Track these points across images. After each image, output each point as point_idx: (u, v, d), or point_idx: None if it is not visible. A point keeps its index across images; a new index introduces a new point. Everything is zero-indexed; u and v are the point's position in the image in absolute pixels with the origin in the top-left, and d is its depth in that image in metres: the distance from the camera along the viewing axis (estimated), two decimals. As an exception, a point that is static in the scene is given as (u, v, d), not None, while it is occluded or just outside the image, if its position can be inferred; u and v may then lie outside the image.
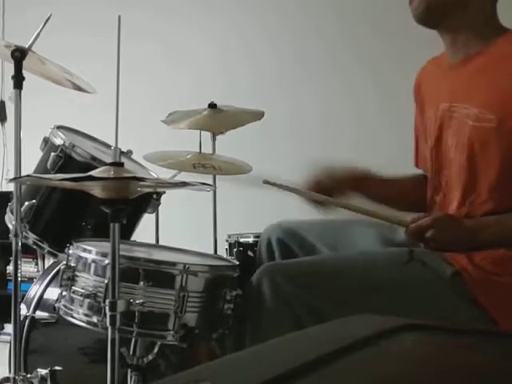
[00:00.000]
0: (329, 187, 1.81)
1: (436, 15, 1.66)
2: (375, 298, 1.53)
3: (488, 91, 1.57)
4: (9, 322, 2.03)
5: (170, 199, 2.37)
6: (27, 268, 3.50)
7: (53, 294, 2.12)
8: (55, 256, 2.09)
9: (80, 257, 1.70)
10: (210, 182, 2.62)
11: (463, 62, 1.67)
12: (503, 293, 1.53)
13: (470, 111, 1.59)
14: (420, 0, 1.65)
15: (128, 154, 2.28)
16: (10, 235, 2.00)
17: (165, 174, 2.44)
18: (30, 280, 2.93)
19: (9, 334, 2.11)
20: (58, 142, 2.07)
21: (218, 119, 2.55)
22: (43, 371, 2.01)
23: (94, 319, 1.62)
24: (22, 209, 2.04)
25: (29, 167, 2.12)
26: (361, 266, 1.61)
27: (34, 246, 2.10)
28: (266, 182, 1.63)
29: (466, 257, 1.56)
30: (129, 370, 1.73)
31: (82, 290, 1.65)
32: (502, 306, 1.52)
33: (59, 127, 2.17)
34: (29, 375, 2.00)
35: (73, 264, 1.71)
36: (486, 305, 1.51)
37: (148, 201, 2.20)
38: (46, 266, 2.91)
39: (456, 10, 1.64)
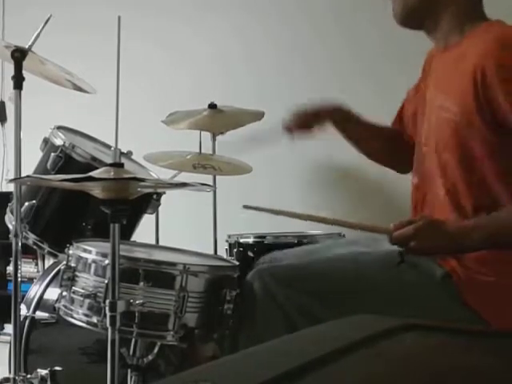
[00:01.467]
0: (310, 118, 1.84)
1: (416, 16, 1.67)
2: (366, 298, 1.54)
3: (455, 82, 1.58)
4: (9, 322, 2.03)
5: (170, 199, 2.37)
6: (27, 268, 3.50)
7: (53, 294, 2.12)
8: (55, 256, 2.09)
9: (80, 257, 1.70)
10: (210, 182, 2.62)
11: (443, 51, 1.68)
12: (491, 293, 1.54)
13: (444, 102, 1.60)
14: (397, 3, 1.67)
15: (128, 154, 2.28)
16: (10, 235, 2.00)
17: (165, 174, 2.44)
18: (30, 280, 2.93)
19: (9, 334, 2.12)
20: (58, 142, 2.07)
21: (218, 119, 2.55)
22: (43, 371, 2.01)
23: (94, 319, 1.62)
24: (22, 209, 2.04)
25: (29, 167, 2.12)
26: (351, 267, 1.61)
27: (34, 247, 2.10)
28: (246, 207, 1.63)
29: (454, 258, 1.56)
30: (129, 371, 1.74)
31: (82, 291, 1.65)
32: (490, 306, 1.52)
33: (59, 127, 2.17)
34: (29, 375, 2.00)
35: (73, 264, 1.71)
36: (475, 305, 1.52)
37: (148, 201, 2.20)
38: (46, 267, 2.91)
39: (434, 7, 1.64)
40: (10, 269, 2.28)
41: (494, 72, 1.48)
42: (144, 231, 2.31)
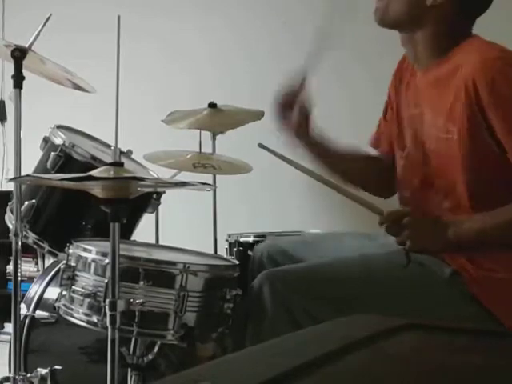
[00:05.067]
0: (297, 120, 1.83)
1: (392, 27, 1.70)
2: (375, 302, 1.53)
3: (445, 103, 1.59)
4: (9, 321, 2.03)
5: (170, 199, 2.37)
6: (27, 267, 3.50)
7: (53, 293, 2.12)
8: (55, 255, 2.09)
9: (80, 256, 1.70)
10: (210, 181, 2.62)
11: (423, 72, 1.68)
12: (502, 289, 1.54)
13: (436, 122, 1.61)
14: (377, 12, 1.68)
15: (128, 153, 2.28)
16: (10, 235, 2.00)
17: (165, 173, 2.44)
18: (30, 279, 2.93)
19: (9, 334, 2.12)
20: (58, 141, 2.07)
21: (218, 119, 2.55)
22: (43, 371, 2.01)
23: (94, 319, 1.62)
24: (22, 208, 2.04)
25: (29, 167, 2.12)
26: (360, 271, 1.60)
27: (34, 246, 2.10)
28: (261, 146, 1.64)
29: (463, 255, 1.56)
30: (129, 370, 1.74)
31: (82, 290, 1.65)
32: (501, 302, 1.52)
33: (59, 127, 2.16)
34: (29, 375, 2.00)
35: (73, 263, 1.71)
36: (486, 302, 1.52)
37: (148, 201, 2.20)
38: (46, 266, 2.91)
39: (411, 27, 1.66)
40: (10, 268, 2.28)
41: (486, 95, 1.50)
42: (144, 230, 2.31)
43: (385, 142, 1.88)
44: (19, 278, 2.01)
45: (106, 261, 1.59)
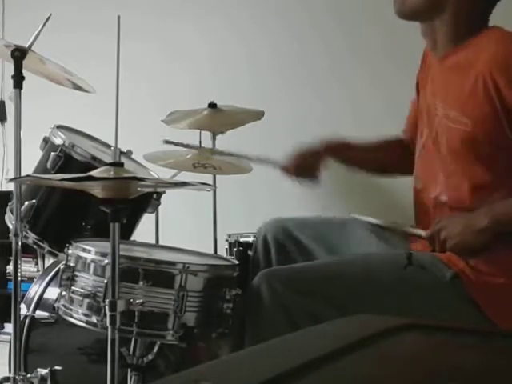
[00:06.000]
0: (309, 160, 1.90)
1: (411, 18, 1.71)
2: (374, 302, 1.53)
3: (460, 93, 1.59)
4: (9, 321, 2.03)
5: (170, 199, 2.37)
6: (27, 268, 3.50)
7: (53, 293, 2.12)
8: (55, 256, 2.09)
9: (79, 256, 1.70)
10: (210, 181, 2.62)
11: (440, 60, 1.69)
12: (500, 294, 1.53)
13: (449, 112, 1.61)
14: (396, 3, 1.69)
15: (128, 153, 2.28)
16: (10, 235, 2.00)
17: (165, 173, 2.44)
18: (30, 280, 2.93)
19: (9, 334, 2.12)
20: (58, 141, 2.07)
21: (218, 119, 2.55)
22: (43, 371, 2.01)
23: (94, 319, 1.62)
24: (22, 208, 2.04)
25: (29, 167, 2.12)
26: (360, 271, 1.60)
27: (34, 246, 2.10)
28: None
29: (462, 259, 1.56)
30: (129, 370, 1.74)
31: (82, 290, 1.65)
32: (499, 307, 1.52)
33: (59, 127, 2.16)
34: (29, 375, 2.00)
35: (72, 264, 1.71)
36: (484, 306, 1.52)
37: (148, 201, 2.20)
38: (46, 266, 2.91)
39: (429, 15, 1.67)
40: (10, 268, 2.28)
41: (507, 87, 1.50)
42: (144, 231, 2.31)
43: (410, 125, 1.91)
44: (19, 278, 2.01)
45: (106, 261, 1.59)
